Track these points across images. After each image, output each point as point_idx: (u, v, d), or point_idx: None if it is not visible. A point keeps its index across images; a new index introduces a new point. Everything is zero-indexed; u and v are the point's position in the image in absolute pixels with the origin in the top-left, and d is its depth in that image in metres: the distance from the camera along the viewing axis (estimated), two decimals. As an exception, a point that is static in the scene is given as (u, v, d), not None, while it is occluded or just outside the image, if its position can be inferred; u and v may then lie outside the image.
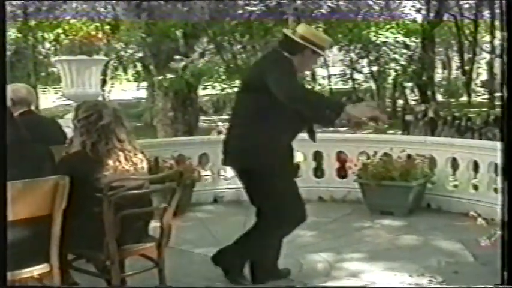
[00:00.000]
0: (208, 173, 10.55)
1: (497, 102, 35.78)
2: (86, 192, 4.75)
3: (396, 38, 21.66)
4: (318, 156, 10.46)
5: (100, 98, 12.27)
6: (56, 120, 7.64)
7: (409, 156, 9.53)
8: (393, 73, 30.92)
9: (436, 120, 27.29)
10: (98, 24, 23.81)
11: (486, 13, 38.22)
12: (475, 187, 9.43)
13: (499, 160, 8.74)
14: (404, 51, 24.51)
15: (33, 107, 6.83)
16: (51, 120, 7.47)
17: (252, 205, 6.14)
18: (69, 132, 6.13)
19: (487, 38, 41.59)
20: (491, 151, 9.04)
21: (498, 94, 39.04)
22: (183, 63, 15.39)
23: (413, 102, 36.89)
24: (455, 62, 48.82)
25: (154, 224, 5.29)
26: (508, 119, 3.88)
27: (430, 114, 28.20)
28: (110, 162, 4.87)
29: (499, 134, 24.66)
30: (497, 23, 38.79)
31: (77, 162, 4.88)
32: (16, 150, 4.32)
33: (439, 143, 10.08)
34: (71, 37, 11.89)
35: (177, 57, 15.53)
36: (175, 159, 9.75)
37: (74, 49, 9.86)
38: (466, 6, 37.95)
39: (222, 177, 10.64)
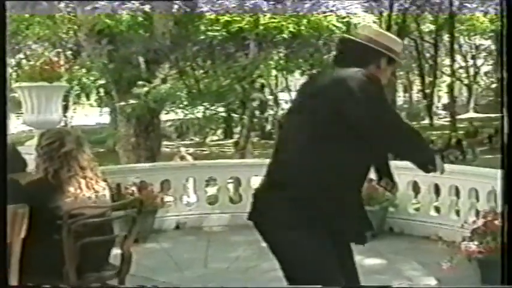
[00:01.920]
0: (171, 199, 10.51)
1: (459, 125, 36.17)
2: (46, 220, 4.73)
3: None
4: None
5: (62, 124, 12.19)
6: (15, 147, 7.57)
7: (370, 180, 9.56)
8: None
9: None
10: (60, 50, 23.73)
11: (446, 37, 38.76)
12: (437, 210, 9.50)
13: (458, 183, 8.88)
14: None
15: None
16: (11, 148, 7.39)
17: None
18: (29, 159, 6.09)
19: (447, 61, 42.15)
20: (452, 174, 9.13)
21: (459, 117, 39.52)
22: (145, 89, 15.36)
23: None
24: (417, 86, 49.31)
25: (115, 252, 5.26)
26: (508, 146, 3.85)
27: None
28: (72, 189, 4.85)
29: (460, 156, 24.98)
30: (456, 46, 39.38)
31: (39, 189, 4.85)
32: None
33: (399, 167, 10.10)
34: (31, 63, 11.80)
35: (140, 82, 15.50)
36: (137, 185, 9.71)
37: (35, 75, 9.78)
38: (426, 30, 38.47)
39: (184, 203, 10.62)
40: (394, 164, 4.55)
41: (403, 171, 9.72)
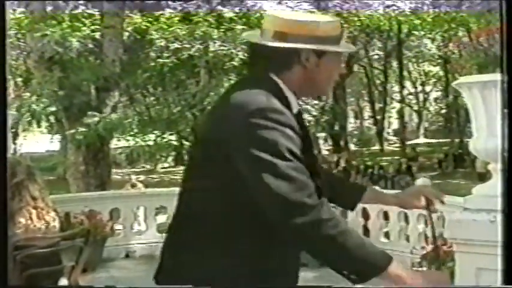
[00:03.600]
0: (120, 227, 10.44)
1: (408, 151, 36.48)
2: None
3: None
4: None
5: (11, 152, 12.07)
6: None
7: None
8: (306, 124, 31.26)
9: (349, 169, 27.61)
10: (9, 77, 23.52)
11: (395, 64, 39.21)
12: (387, 236, 9.55)
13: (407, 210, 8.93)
14: (316, 102, 24.79)
15: None
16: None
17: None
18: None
19: (397, 87, 42.63)
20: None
21: (409, 142, 39.90)
22: (95, 119, 15.24)
23: (326, 152, 37.30)
24: (367, 112, 49.69)
25: (63, 282, 5.20)
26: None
27: (343, 163, 28.56)
28: (23, 220, 4.79)
29: (411, 182, 25.19)
30: (405, 73, 39.88)
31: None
32: None
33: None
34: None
35: (90, 112, 15.37)
36: (86, 214, 9.62)
37: (-18, 104, 9.68)
38: (376, 57, 38.89)
39: (134, 231, 10.56)
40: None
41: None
